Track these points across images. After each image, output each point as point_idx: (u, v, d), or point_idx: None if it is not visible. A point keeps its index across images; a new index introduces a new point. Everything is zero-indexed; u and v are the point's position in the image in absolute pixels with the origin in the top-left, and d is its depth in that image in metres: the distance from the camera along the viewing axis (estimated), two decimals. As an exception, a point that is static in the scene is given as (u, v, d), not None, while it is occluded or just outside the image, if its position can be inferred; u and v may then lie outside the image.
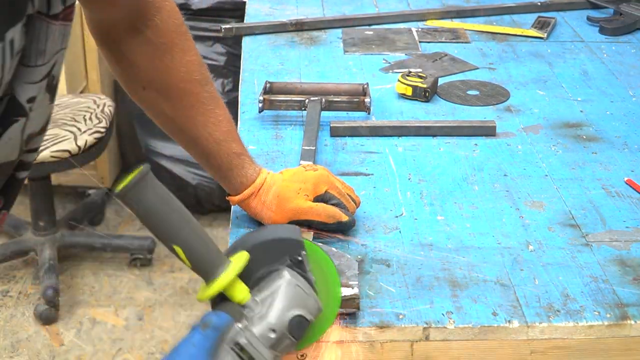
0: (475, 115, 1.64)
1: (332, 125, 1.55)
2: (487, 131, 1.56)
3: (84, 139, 2.51)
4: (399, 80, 1.70)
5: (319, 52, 1.93)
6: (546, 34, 2.03)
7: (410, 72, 1.72)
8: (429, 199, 1.36)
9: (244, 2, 2.26)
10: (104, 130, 2.58)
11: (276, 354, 0.97)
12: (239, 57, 1.95)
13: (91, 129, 2.56)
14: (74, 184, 3.11)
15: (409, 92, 1.69)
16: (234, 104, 1.65)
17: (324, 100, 1.59)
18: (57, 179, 2.94)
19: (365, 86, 1.65)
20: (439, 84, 1.73)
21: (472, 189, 1.39)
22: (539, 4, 2.21)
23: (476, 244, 1.24)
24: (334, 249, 1.17)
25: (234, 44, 2.85)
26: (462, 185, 1.40)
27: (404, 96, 1.70)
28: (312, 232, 1.23)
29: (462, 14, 2.16)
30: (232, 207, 1.28)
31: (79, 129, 2.54)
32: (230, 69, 2.97)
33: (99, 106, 2.67)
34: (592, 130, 1.59)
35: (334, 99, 1.60)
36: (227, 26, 2.02)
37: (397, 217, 1.31)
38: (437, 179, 1.42)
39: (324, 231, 1.24)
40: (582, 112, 1.66)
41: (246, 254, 0.99)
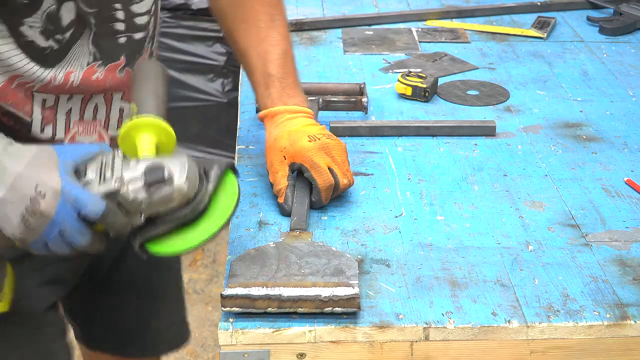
0: (475, 115, 1.64)
1: (331, 125, 1.55)
2: (487, 131, 1.56)
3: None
4: (398, 80, 1.70)
5: (318, 52, 1.93)
6: (546, 34, 2.03)
7: (410, 72, 1.72)
8: (429, 199, 1.36)
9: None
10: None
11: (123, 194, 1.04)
12: (238, 57, 1.95)
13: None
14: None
15: (409, 92, 1.69)
16: (233, 104, 1.65)
17: (321, 100, 1.59)
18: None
19: (362, 86, 1.65)
20: (438, 84, 1.73)
21: (472, 189, 1.39)
22: (539, 4, 2.21)
23: (476, 244, 1.24)
24: (333, 248, 1.17)
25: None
26: (462, 185, 1.40)
27: (403, 96, 1.70)
28: (311, 234, 1.23)
29: (462, 14, 2.16)
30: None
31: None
32: (230, 69, 2.97)
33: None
34: (592, 130, 1.59)
35: (332, 99, 1.60)
36: (227, 26, 2.02)
37: (396, 217, 1.31)
38: (437, 179, 1.42)
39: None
40: (582, 112, 1.66)
41: (153, 122, 1.08)
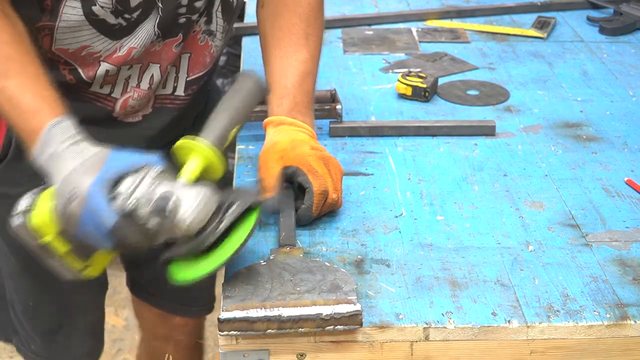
0: (475, 115, 1.64)
1: (331, 125, 1.55)
2: (486, 131, 1.56)
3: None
4: (398, 80, 1.70)
5: (318, 52, 1.93)
6: (546, 34, 2.03)
7: (410, 72, 1.72)
8: (429, 199, 1.36)
9: (244, 2, 2.26)
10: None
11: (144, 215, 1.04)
12: (239, 57, 1.95)
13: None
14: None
15: (409, 92, 1.69)
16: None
17: None
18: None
19: (333, 92, 1.62)
20: (438, 84, 1.73)
21: (472, 189, 1.39)
22: (539, 4, 2.21)
23: (476, 244, 1.24)
24: (326, 263, 1.15)
25: (234, 44, 2.84)
26: (462, 185, 1.40)
27: (403, 96, 1.70)
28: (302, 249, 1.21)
29: (462, 14, 2.16)
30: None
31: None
32: (230, 69, 2.97)
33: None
34: (592, 130, 1.59)
35: None
36: (227, 26, 2.02)
37: (396, 217, 1.31)
38: (437, 179, 1.42)
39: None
40: (582, 112, 1.66)
41: (205, 152, 1.12)
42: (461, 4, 2.23)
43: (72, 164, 1.09)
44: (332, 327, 1.04)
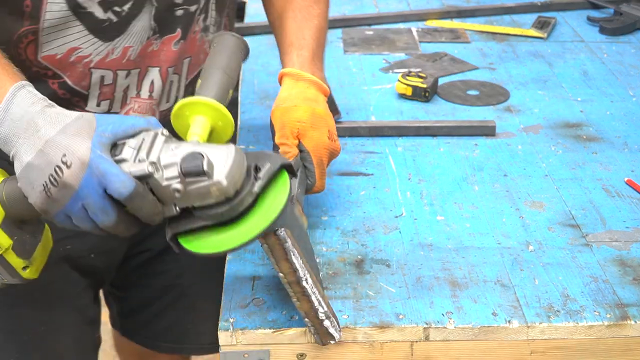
0: (475, 115, 1.64)
1: (332, 125, 1.55)
2: (487, 131, 1.56)
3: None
4: (399, 80, 1.70)
5: (319, 52, 1.93)
6: (546, 34, 2.03)
7: (410, 72, 1.72)
8: (429, 199, 1.36)
9: (244, 2, 2.26)
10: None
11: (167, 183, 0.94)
12: (238, 57, 1.95)
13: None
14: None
15: (409, 92, 1.69)
16: (234, 104, 1.65)
17: None
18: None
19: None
20: (439, 84, 1.73)
21: (472, 189, 1.39)
22: (539, 4, 2.21)
23: (476, 244, 1.24)
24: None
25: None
26: (462, 185, 1.40)
27: (403, 96, 1.70)
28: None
29: (462, 14, 2.16)
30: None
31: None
32: (230, 69, 2.96)
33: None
34: (592, 130, 1.59)
35: None
36: (227, 26, 2.02)
37: (397, 217, 1.31)
38: (437, 179, 1.42)
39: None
40: (582, 112, 1.66)
41: (213, 105, 1.02)
42: (461, 4, 2.23)
43: (53, 129, 0.95)
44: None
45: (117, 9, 1.17)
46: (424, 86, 1.68)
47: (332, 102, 1.58)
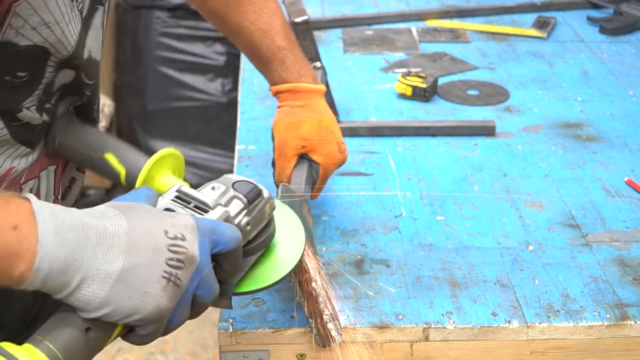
0: (475, 115, 1.64)
1: (331, 125, 1.55)
2: (486, 131, 1.56)
3: (83, 139, 2.51)
4: (398, 80, 1.70)
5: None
6: (546, 34, 2.03)
7: (410, 72, 1.72)
8: (429, 199, 1.36)
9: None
10: (103, 130, 2.58)
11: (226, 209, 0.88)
12: (239, 57, 1.95)
13: (91, 129, 2.55)
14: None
15: (409, 92, 1.69)
16: (233, 104, 1.65)
17: None
18: (57, 179, 2.93)
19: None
20: (438, 84, 1.73)
21: (472, 189, 1.39)
22: (539, 4, 2.20)
23: (476, 244, 1.24)
24: None
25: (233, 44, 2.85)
26: (462, 185, 1.40)
27: (403, 96, 1.70)
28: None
29: (462, 14, 2.16)
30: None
31: (79, 129, 2.54)
32: (230, 69, 2.97)
33: (99, 106, 2.67)
34: (592, 130, 1.59)
35: None
36: (227, 26, 2.02)
37: (396, 217, 1.31)
38: (437, 179, 1.42)
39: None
40: (582, 112, 1.66)
41: (170, 151, 0.97)
42: (461, 3, 2.23)
43: (122, 219, 0.76)
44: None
45: (49, 106, 0.94)
46: (424, 86, 1.68)
47: (331, 105, 1.58)
